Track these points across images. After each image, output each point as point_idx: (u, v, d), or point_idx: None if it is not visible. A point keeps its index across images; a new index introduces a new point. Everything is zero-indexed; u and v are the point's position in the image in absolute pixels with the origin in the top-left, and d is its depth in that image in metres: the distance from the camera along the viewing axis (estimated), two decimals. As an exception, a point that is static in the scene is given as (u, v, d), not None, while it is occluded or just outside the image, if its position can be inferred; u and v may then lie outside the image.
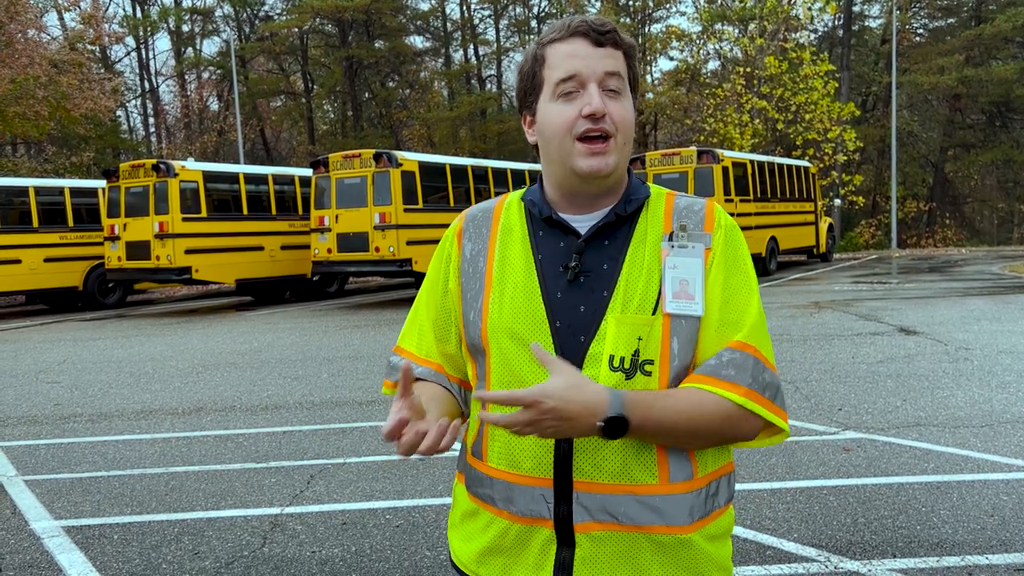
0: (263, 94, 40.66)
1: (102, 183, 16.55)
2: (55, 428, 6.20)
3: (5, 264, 15.22)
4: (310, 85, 41.66)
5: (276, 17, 40.96)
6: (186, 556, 3.61)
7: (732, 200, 17.32)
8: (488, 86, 42.27)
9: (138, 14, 39.23)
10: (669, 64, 52.00)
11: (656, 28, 38.68)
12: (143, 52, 40.34)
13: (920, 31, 40.28)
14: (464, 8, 41.03)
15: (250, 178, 16.59)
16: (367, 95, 41.00)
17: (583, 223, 1.35)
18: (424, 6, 41.82)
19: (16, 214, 15.60)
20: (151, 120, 41.48)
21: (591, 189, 1.34)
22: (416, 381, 1.39)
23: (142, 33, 38.87)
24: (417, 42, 43.21)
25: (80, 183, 17.25)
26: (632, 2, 38.25)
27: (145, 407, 6.83)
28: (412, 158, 15.30)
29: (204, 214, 15.38)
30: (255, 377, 8.01)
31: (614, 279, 1.31)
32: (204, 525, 3.97)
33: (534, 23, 40.30)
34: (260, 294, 17.67)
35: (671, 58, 39.33)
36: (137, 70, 40.97)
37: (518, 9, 41.91)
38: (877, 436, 5.08)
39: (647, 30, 38.23)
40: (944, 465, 4.47)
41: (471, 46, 42.16)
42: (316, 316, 13.84)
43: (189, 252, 15.04)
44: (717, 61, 36.44)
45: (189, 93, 41.48)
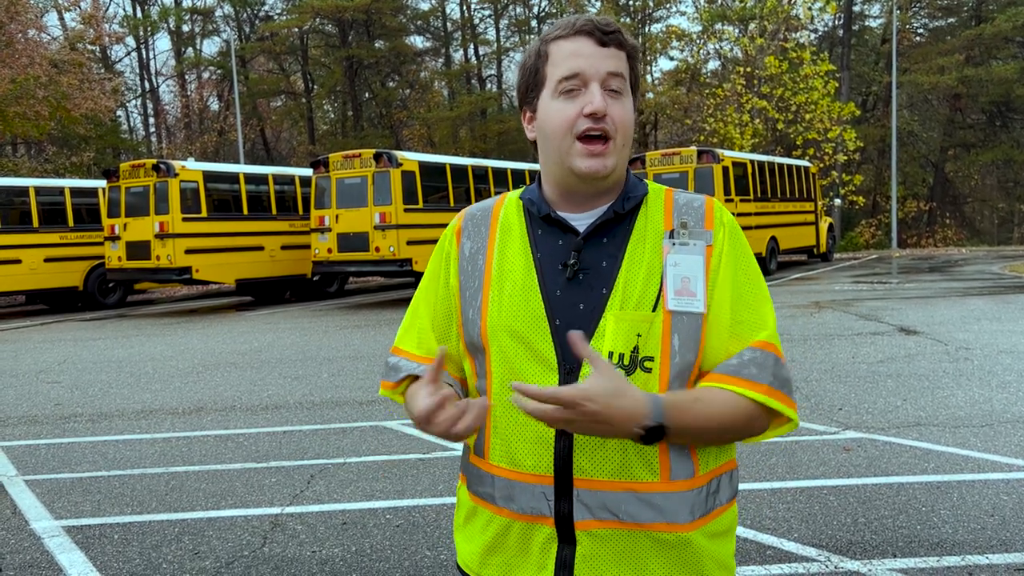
0: (263, 94, 40.67)
1: (102, 183, 16.55)
2: (55, 428, 6.20)
3: (5, 264, 15.22)
4: (310, 85, 41.67)
5: (276, 17, 40.98)
6: (186, 556, 3.61)
7: (732, 200, 17.31)
8: (488, 86, 42.28)
9: (138, 14, 39.26)
10: (669, 64, 52.11)
11: (656, 28, 38.72)
12: (143, 52, 40.41)
13: (920, 31, 40.28)
14: (464, 8, 41.06)
15: (250, 178, 16.59)
16: (367, 95, 41.00)
17: (582, 221, 1.35)
18: (424, 6, 41.89)
19: (16, 214, 15.61)
20: (151, 120, 41.53)
21: (589, 189, 1.34)
22: (417, 380, 1.39)
23: (142, 33, 38.89)
24: (417, 42, 43.29)
25: (80, 183, 17.26)
26: (632, 2, 38.25)
27: (145, 407, 6.83)
28: (412, 158, 15.30)
29: (204, 214, 15.38)
30: (255, 377, 8.01)
31: (613, 276, 1.31)
32: (204, 525, 3.97)
33: (534, 23, 40.31)
34: (260, 294, 17.67)
35: (671, 58, 39.42)
36: (137, 70, 41.05)
37: (518, 9, 41.93)
38: (877, 436, 5.08)
39: (647, 30, 38.23)
40: (944, 465, 4.46)
41: (471, 46, 42.18)
42: (316, 316, 13.84)
43: (189, 252, 15.04)
44: (717, 61, 36.49)
45: (189, 93, 41.49)
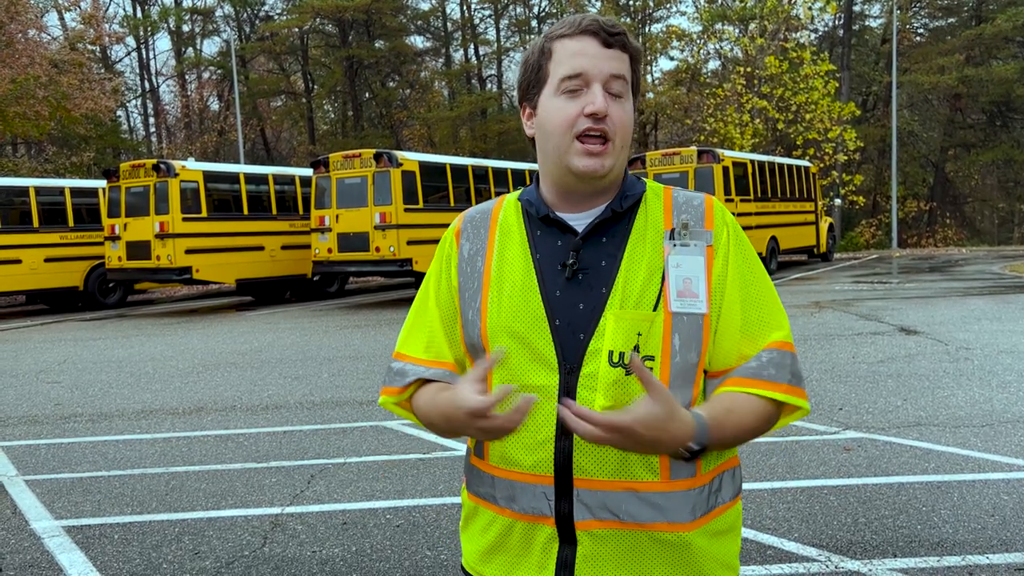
0: (263, 94, 40.67)
1: (102, 183, 16.55)
2: (55, 428, 6.20)
3: (6, 264, 15.22)
4: (310, 85, 41.67)
5: (276, 17, 40.97)
6: (186, 556, 3.60)
7: (732, 200, 17.31)
8: (488, 86, 42.28)
9: (138, 14, 39.26)
10: (669, 64, 52.13)
11: (656, 28, 38.73)
12: (143, 52, 40.40)
13: (920, 31, 40.28)
14: (464, 8, 41.06)
15: (250, 178, 16.59)
16: (367, 95, 41.00)
17: (580, 221, 1.35)
18: (424, 6, 41.88)
19: (17, 214, 15.61)
20: (151, 120, 41.52)
21: (587, 188, 1.34)
22: (427, 384, 1.40)
23: (142, 33, 38.89)
24: (417, 42, 43.29)
25: (80, 183, 17.26)
26: (632, 2, 38.25)
27: (145, 407, 6.83)
28: (412, 158, 15.30)
29: (204, 214, 15.38)
30: (255, 377, 8.01)
31: (612, 276, 1.31)
32: (204, 525, 3.97)
33: (534, 23, 40.31)
34: (260, 294, 17.66)
35: (671, 58, 39.42)
36: (137, 70, 41.05)
37: (518, 9, 41.94)
38: (878, 436, 5.07)
39: (647, 30, 38.22)
40: (945, 465, 4.46)
41: (471, 46, 42.18)
42: (316, 316, 13.84)
43: (189, 252, 15.04)
44: (717, 61, 36.48)
45: (189, 93, 41.49)
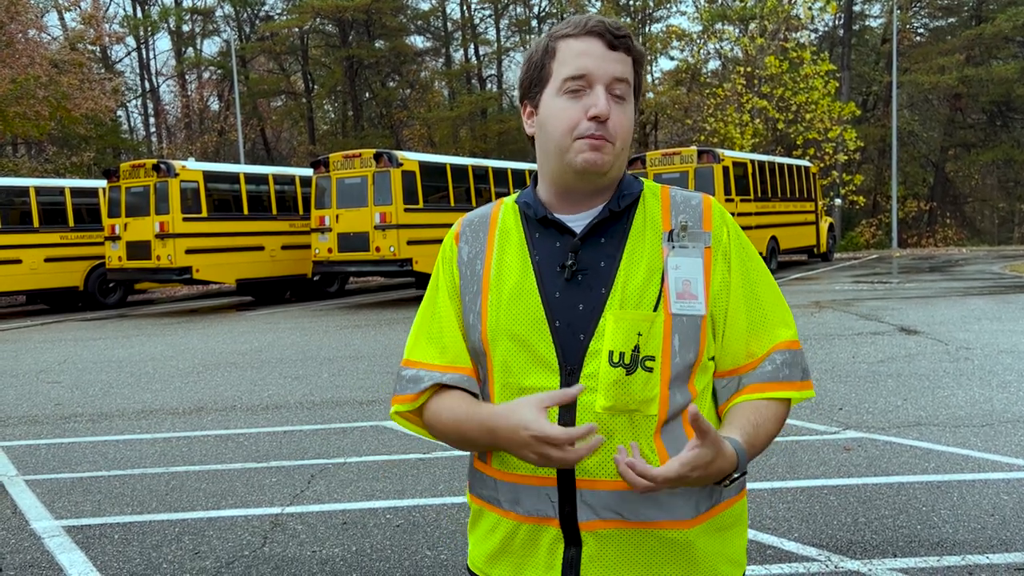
0: (263, 94, 40.67)
1: (103, 183, 16.56)
2: (56, 428, 6.20)
3: (6, 264, 15.22)
4: (310, 85, 41.67)
5: (276, 17, 40.96)
6: (187, 556, 3.61)
7: (733, 200, 17.31)
8: (489, 86, 42.28)
9: (138, 14, 39.26)
10: (669, 64, 52.13)
11: (656, 28, 38.71)
12: (143, 52, 40.40)
13: (920, 31, 40.28)
14: (464, 8, 41.05)
15: (250, 178, 16.59)
16: (367, 95, 40.99)
17: (578, 221, 1.35)
18: (424, 6, 41.87)
19: (17, 214, 15.61)
20: (151, 120, 41.52)
21: (586, 186, 1.34)
22: (443, 390, 1.37)
23: (142, 33, 38.89)
24: (417, 42, 43.28)
25: (81, 183, 17.26)
26: (632, 2, 38.24)
27: (146, 407, 6.84)
28: (412, 158, 15.30)
29: (205, 214, 15.38)
30: (255, 377, 8.01)
31: (612, 276, 1.31)
32: (205, 525, 3.97)
33: (535, 23, 40.32)
34: (260, 294, 17.67)
35: (671, 58, 39.44)
36: (137, 70, 41.05)
37: (519, 9, 41.93)
38: (878, 435, 5.07)
39: (647, 30, 38.21)
40: (945, 464, 4.46)
41: (471, 46, 42.17)
42: (316, 316, 13.84)
43: (190, 252, 15.04)
44: (717, 61, 36.46)
45: (189, 93, 41.49)
